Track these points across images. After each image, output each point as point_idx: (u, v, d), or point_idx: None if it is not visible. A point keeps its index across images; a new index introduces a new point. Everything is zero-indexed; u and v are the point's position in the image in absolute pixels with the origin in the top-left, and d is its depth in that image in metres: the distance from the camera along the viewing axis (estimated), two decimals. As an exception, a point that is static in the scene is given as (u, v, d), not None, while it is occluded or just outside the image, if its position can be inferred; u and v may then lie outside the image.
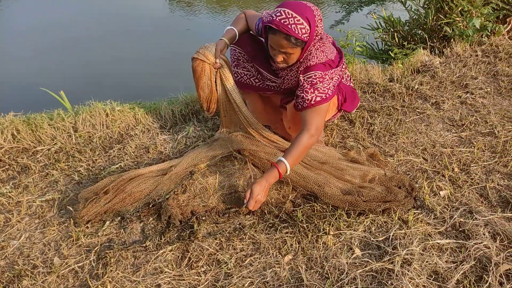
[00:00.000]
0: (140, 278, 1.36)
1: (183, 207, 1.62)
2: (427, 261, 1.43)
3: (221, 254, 1.47)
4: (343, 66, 1.98)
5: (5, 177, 1.86)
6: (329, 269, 1.42)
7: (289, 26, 1.62)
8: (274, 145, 2.01)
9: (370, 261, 1.45)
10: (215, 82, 2.02)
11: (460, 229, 1.58)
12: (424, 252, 1.47)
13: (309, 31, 1.66)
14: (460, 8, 3.26)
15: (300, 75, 1.78)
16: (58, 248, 1.48)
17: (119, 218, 1.58)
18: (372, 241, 1.53)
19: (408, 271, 1.38)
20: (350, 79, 2.12)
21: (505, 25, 3.47)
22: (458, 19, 3.32)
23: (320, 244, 1.52)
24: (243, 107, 2.04)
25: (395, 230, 1.56)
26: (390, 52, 3.51)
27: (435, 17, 3.45)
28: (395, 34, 3.68)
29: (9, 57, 4.36)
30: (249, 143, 1.97)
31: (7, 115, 2.12)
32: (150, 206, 1.62)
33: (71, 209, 1.62)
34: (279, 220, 1.62)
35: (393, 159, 2.02)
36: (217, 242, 1.52)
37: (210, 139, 2.07)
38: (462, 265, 1.41)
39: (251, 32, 2.08)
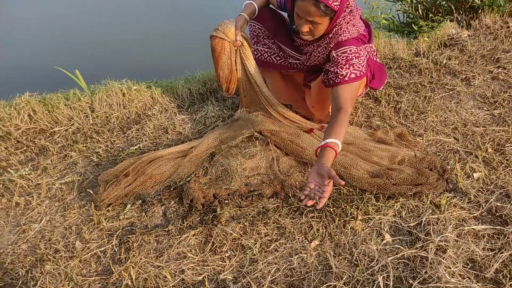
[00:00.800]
0: (163, 264, 1.31)
1: (205, 190, 1.55)
2: (462, 249, 1.34)
3: (245, 239, 1.41)
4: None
5: (24, 159, 1.82)
6: (358, 256, 1.35)
7: None
8: (296, 125, 1.92)
9: (402, 247, 1.37)
10: (235, 61, 1.91)
11: (497, 214, 1.48)
12: (459, 238, 1.38)
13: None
14: (491, -24, 3.03)
15: (332, 51, 1.66)
16: (79, 232, 1.44)
17: (140, 201, 1.53)
18: (403, 226, 1.45)
19: (443, 259, 1.30)
20: (376, 54, 1.99)
21: (540, -6, 3.22)
22: (488, -12, 3.09)
23: (348, 229, 1.44)
24: (264, 88, 1.94)
25: (427, 215, 1.47)
26: (413, 25, 3.32)
27: (462, -14, 3.22)
28: (419, 5, 3.46)
29: (24, 37, 4.29)
30: (271, 123, 1.88)
31: (22, 95, 2.07)
32: (171, 189, 1.56)
33: (91, 192, 1.58)
34: (301, 201, 1.54)
35: (422, 139, 1.91)
36: (240, 227, 1.46)
37: (230, 119, 1.99)
38: (500, 253, 1.32)
39: (271, 6, 1.95)
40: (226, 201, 1.53)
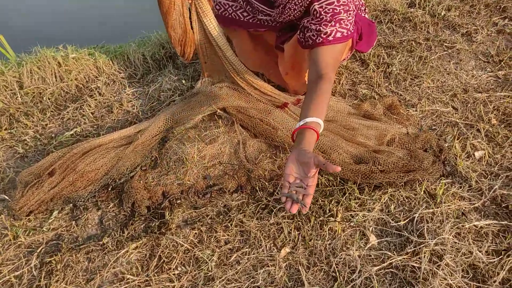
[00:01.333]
0: (95, 290, 1.07)
1: (152, 187, 1.28)
2: (463, 253, 1.12)
3: (199, 250, 1.16)
4: None
5: None
6: (337, 266, 1.12)
7: None
8: (268, 99, 1.62)
9: (389, 253, 1.14)
10: (190, 18, 1.57)
11: (503, 204, 1.26)
12: (458, 240, 1.16)
13: None
14: None
15: (314, 3, 1.32)
16: (-8, 251, 1.18)
17: (71, 205, 1.26)
18: (392, 225, 1.22)
19: (439, 269, 1.07)
20: (365, 9, 1.65)
21: None
22: None
23: (325, 232, 1.21)
24: (228, 51, 1.61)
25: (421, 210, 1.23)
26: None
27: None
28: None
29: None
30: (237, 98, 1.58)
31: None
32: (110, 189, 1.28)
33: (6, 197, 1.29)
34: (274, 200, 1.29)
35: (416, 110, 1.63)
36: (195, 233, 1.21)
37: (189, 93, 1.67)
38: (507, 257, 1.10)
39: None
40: (178, 201, 1.27)
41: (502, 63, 1.85)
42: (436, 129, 1.55)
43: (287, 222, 1.23)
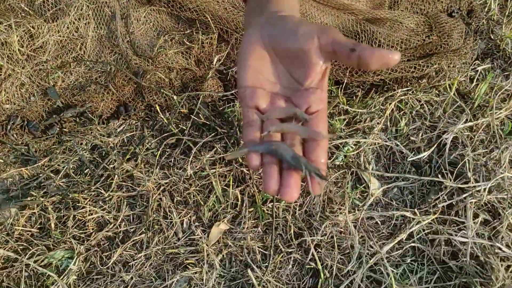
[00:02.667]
0: None
1: None
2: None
3: (41, 254, 0.58)
4: None
5: None
6: (317, 251, 0.62)
7: None
8: None
9: (406, 213, 0.65)
10: None
11: None
12: (520, 177, 0.69)
13: None
14: None
15: None
16: None
17: None
18: (404, 157, 0.71)
19: (497, 239, 0.62)
20: None
21: None
22: None
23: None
24: None
25: (455, 127, 0.72)
26: None
27: None
28: None
29: None
30: None
31: None
32: None
33: None
34: (193, 128, 0.70)
35: None
36: (30, 217, 0.61)
37: None
38: None
39: None
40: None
41: None
42: (455, -23, 0.97)
43: (220, 170, 0.66)
